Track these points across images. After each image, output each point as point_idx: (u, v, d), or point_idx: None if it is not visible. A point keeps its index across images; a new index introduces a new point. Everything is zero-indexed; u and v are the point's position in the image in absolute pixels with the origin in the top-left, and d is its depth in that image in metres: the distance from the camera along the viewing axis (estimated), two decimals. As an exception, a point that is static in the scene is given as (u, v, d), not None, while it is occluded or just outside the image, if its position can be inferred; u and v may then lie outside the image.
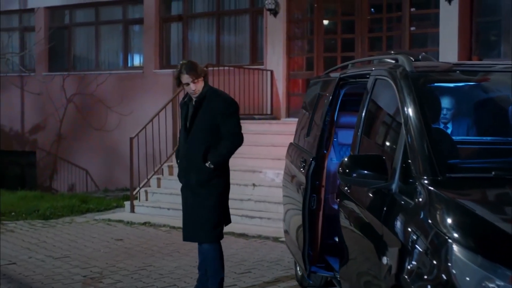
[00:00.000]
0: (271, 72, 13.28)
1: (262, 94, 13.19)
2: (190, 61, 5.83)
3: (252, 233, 8.91)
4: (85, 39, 16.79)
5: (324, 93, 5.55)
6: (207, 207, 5.73)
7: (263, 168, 10.47)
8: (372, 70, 4.81)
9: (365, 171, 3.85)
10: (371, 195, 4.03)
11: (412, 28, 12.20)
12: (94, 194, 14.48)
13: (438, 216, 3.29)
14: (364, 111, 4.63)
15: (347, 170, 3.92)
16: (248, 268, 7.21)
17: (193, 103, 5.80)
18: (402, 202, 3.65)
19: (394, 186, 3.76)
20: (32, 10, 17.07)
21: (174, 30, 15.32)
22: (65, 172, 16.67)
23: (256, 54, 14.06)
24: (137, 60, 16.23)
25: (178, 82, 5.73)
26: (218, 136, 5.78)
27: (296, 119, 12.87)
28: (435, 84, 4.54)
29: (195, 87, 5.70)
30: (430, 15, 12.27)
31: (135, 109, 14.92)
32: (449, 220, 3.22)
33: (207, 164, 5.70)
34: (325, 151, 5.26)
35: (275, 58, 13.30)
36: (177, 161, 6.10)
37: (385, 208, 3.78)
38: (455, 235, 3.12)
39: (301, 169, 5.34)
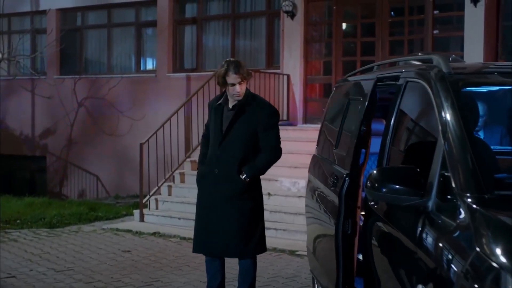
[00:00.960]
0: (288, 76, 12.82)
1: (278, 99, 12.72)
2: (238, 61, 5.41)
3: (267, 245, 8.39)
4: (97, 41, 16.41)
5: (357, 97, 4.87)
6: (249, 217, 5.36)
7: (279, 177, 9.99)
8: (402, 72, 4.32)
9: (397, 186, 3.37)
10: (403, 213, 3.53)
11: (435, 32, 11.69)
12: (105, 200, 14.09)
13: (485, 240, 2.79)
14: (393, 118, 4.14)
15: (376, 185, 3.44)
16: (263, 284, 6.74)
17: (230, 106, 5.39)
18: (440, 222, 3.17)
19: (430, 204, 3.27)
20: (44, 12, 16.71)
21: (188, 33, 14.90)
22: (76, 177, 16.30)
23: (273, 58, 13.60)
24: (150, 64, 15.83)
25: (223, 82, 5.29)
26: (256, 146, 5.37)
27: (314, 126, 12.61)
28: (474, 87, 4.05)
29: (241, 90, 5.30)
30: (454, 18, 11.77)
31: (147, 113, 14.52)
32: (500, 246, 2.72)
33: (241, 176, 5.29)
34: (361, 166, 4.55)
35: (292, 62, 12.84)
36: (199, 166, 5.63)
37: (420, 229, 3.29)
38: (507, 263, 2.63)
39: (332, 187, 4.65)
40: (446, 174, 3.26)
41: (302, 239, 8.66)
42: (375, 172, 3.50)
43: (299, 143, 10.80)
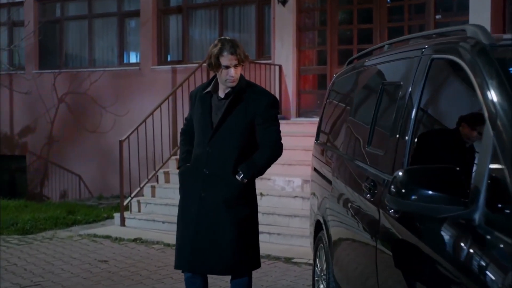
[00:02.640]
0: (280, 67, 11.99)
1: (270, 91, 11.84)
2: (235, 40, 4.53)
3: (260, 251, 7.55)
4: (77, 33, 15.53)
5: (398, 82, 3.72)
6: (245, 227, 4.53)
7: (272, 175, 9.16)
8: (424, 48, 3.49)
9: (431, 192, 2.57)
10: (439, 226, 2.70)
11: (438, 17, 10.88)
12: (87, 202, 13.27)
13: None
14: (415, 106, 3.32)
15: (403, 190, 2.63)
16: (255, 299, 5.91)
17: (222, 95, 4.53)
18: (492, 241, 2.36)
19: (477, 215, 2.46)
20: (21, 3, 15.83)
21: (173, 23, 14.04)
22: (57, 177, 15.44)
23: (263, 48, 12.77)
24: (133, 56, 14.98)
25: (216, 63, 4.42)
26: (253, 143, 4.53)
27: (308, 119, 11.78)
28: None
29: (235, 74, 4.44)
30: (458, 2, 10.96)
31: (131, 109, 13.66)
32: None
33: (238, 177, 4.46)
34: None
35: (284, 52, 12.00)
36: (179, 166, 4.73)
37: (464, 248, 2.48)
38: None
39: (368, 195, 3.66)
40: (496, 175, 2.45)
41: (298, 244, 7.86)
42: (401, 173, 2.68)
43: (294, 138, 9.97)
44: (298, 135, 9.98)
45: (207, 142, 4.48)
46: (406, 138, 3.32)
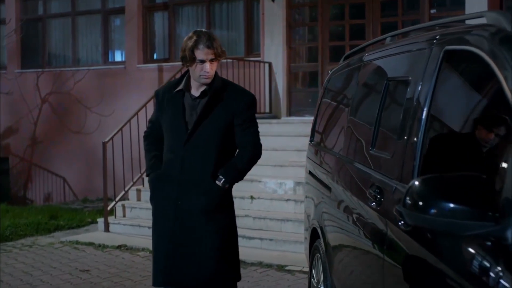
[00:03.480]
0: (269, 64, 11.59)
1: (259, 89, 11.49)
2: (211, 32, 4.13)
3: (251, 258, 7.18)
4: (61, 31, 15.07)
5: (405, 77, 3.30)
6: (227, 236, 4.16)
7: (263, 177, 8.75)
8: (435, 38, 3.11)
9: (454, 205, 2.18)
10: (462, 244, 2.31)
11: (433, 11, 10.53)
12: (72, 205, 12.84)
13: None
14: (426, 104, 2.93)
15: (421, 203, 2.25)
16: (247, 312, 5.52)
17: (197, 94, 4.13)
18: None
19: (510, 232, 2.08)
20: (1, 0, 15.36)
21: (159, 20, 13.62)
22: (41, 180, 14.98)
23: (252, 45, 12.36)
24: (118, 55, 14.53)
25: (190, 57, 4.01)
26: (231, 144, 4.17)
27: (299, 118, 11.38)
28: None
29: (211, 70, 4.04)
30: (453, -5, 10.61)
31: (117, 109, 13.22)
32: None
33: (219, 182, 4.06)
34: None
35: (274, 49, 11.61)
36: (148, 174, 4.28)
37: (495, 271, 2.09)
38: None
39: (373, 203, 3.24)
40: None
41: (292, 250, 7.47)
42: (417, 183, 2.29)
43: (285, 138, 9.60)
44: (290, 135, 9.59)
45: (182, 145, 4.08)
46: (416, 140, 2.93)
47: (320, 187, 4.72)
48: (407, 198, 2.31)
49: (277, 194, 8.47)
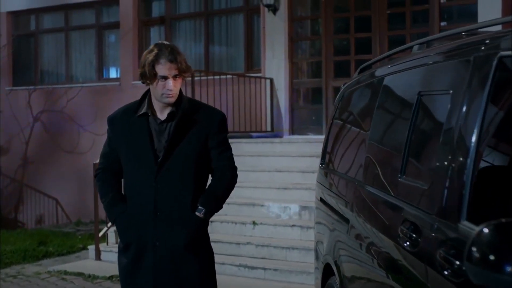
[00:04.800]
0: (271, 80, 11.05)
1: (260, 107, 10.94)
2: (174, 46, 3.57)
3: (253, 290, 6.59)
4: (53, 47, 14.54)
5: (444, 90, 2.69)
6: (211, 275, 3.69)
7: (265, 200, 8.17)
8: (484, 43, 2.54)
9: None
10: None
11: (443, 24, 10.01)
12: (64, 228, 12.29)
13: None
14: (477, 122, 2.36)
15: (492, 257, 1.68)
16: None
17: (163, 117, 3.57)
18: None
19: None
20: (-7, 16, 14.86)
21: (156, 34, 13.10)
22: (33, 201, 14.41)
23: (252, 60, 11.83)
24: (113, 71, 14.01)
25: (150, 74, 3.46)
26: (206, 170, 3.67)
27: (303, 137, 10.78)
28: None
29: (175, 88, 3.50)
30: (465, 8, 10.09)
31: (111, 127, 12.63)
32: None
33: (199, 214, 3.54)
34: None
35: (275, 64, 11.08)
36: (114, 220, 3.66)
37: None
38: None
39: (407, 243, 2.63)
40: None
41: (298, 281, 6.86)
42: (487, 230, 1.72)
43: (288, 158, 9.02)
44: (293, 155, 9.01)
45: (153, 176, 3.51)
46: (464, 166, 2.35)
47: (334, 217, 4.13)
48: (474, 250, 1.73)
49: (281, 219, 7.87)
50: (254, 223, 7.82)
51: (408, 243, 2.65)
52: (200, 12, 12.45)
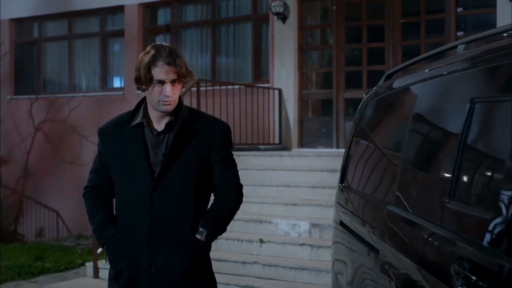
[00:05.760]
0: (279, 91, 10.66)
1: (268, 118, 10.56)
2: (174, 47, 3.16)
3: (260, 315, 6.16)
4: (56, 55, 14.22)
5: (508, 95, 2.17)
6: None
7: (273, 217, 7.75)
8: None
9: None
10: None
11: (460, 33, 9.60)
12: (64, 242, 11.93)
13: None
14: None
15: None
16: None
17: (161, 128, 3.18)
18: None
19: None
20: (-5, 23, 14.55)
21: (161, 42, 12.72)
22: (33, 213, 14.06)
23: (260, 70, 11.45)
24: (117, 80, 13.67)
25: (146, 77, 3.08)
26: (207, 188, 3.26)
27: (312, 150, 10.37)
28: None
29: (173, 94, 3.10)
30: (483, 17, 9.71)
31: (114, 138, 12.28)
32: None
33: (200, 236, 3.15)
34: None
35: (284, 74, 10.70)
36: (104, 244, 3.29)
37: None
38: None
39: (463, 287, 2.09)
40: None
41: (308, 305, 6.45)
42: None
43: (297, 172, 8.60)
44: (303, 169, 8.59)
45: (148, 194, 3.13)
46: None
47: (360, 248, 3.57)
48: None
49: (290, 238, 7.44)
50: (261, 241, 7.39)
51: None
52: (207, 20, 12.10)
